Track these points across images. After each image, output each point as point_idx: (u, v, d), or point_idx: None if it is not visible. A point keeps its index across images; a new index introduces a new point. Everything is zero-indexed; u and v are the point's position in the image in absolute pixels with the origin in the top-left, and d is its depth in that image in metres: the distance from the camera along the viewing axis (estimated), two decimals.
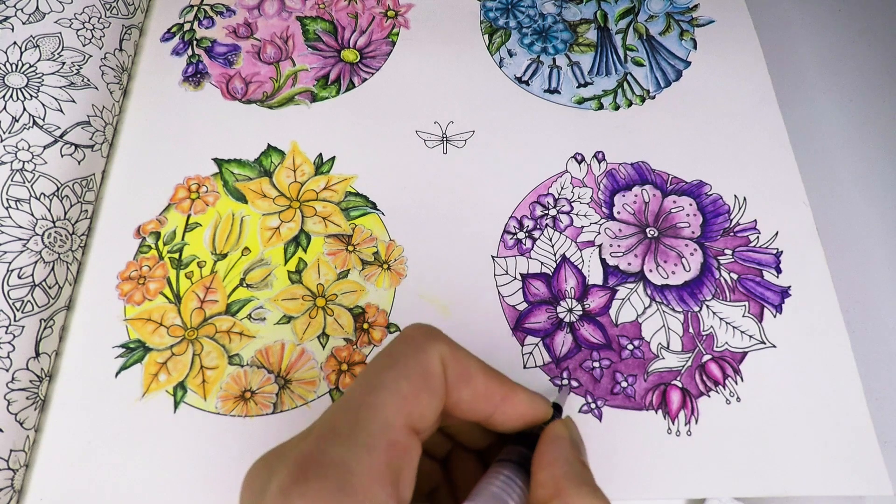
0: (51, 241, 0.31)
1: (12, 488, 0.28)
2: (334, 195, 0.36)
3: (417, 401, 0.18)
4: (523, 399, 0.20)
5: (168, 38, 0.41)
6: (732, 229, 0.35)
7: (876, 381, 0.32)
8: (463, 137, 0.37)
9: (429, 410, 0.18)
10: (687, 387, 0.31)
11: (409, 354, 0.18)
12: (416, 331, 0.19)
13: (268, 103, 0.39)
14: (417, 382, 0.18)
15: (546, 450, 0.19)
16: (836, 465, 0.29)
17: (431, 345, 0.19)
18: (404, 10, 0.42)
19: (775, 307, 0.33)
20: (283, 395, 0.30)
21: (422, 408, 0.18)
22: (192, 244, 0.34)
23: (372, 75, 0.40)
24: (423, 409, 0.18)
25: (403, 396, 0.17)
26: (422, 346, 0.19)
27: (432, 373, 0.18)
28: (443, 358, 0.19)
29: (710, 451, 0.29)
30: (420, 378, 0.18)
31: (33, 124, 0.32)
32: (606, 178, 0.36)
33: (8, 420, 0.27)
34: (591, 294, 0.33)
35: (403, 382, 0.18)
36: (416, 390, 0.18)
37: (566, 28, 0.42)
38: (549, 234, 0.35)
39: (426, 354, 0.18)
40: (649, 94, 0.39)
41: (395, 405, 0.17)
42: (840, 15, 0.44)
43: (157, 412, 0.30)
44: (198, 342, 0.32)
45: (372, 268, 0.34)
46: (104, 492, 0.28)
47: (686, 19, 0.42)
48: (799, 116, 0.39)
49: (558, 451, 0.19)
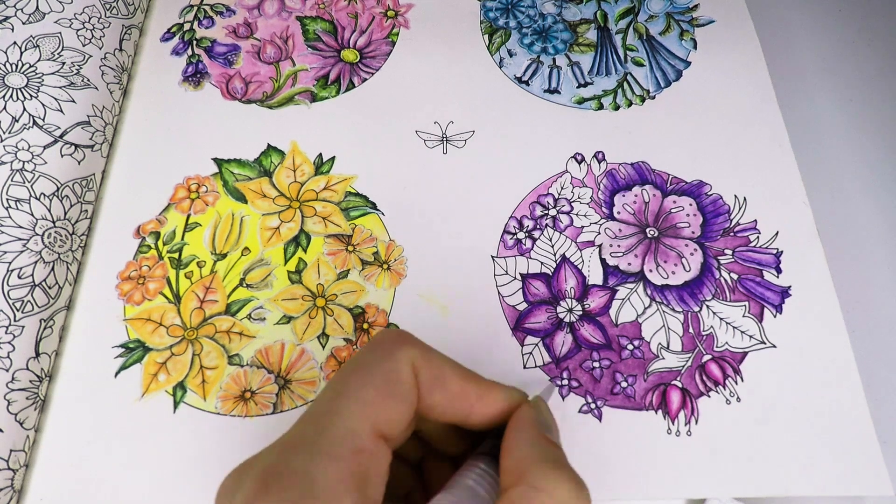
0: (51, 241, 0.31)
1: (12, 488, 0.28)
2: (334, 195, 0.36)
3: (384, 407, 0.18)
4: (498, 397, 0.20)
5: (168, 38, 0.41)
6: (732, 229, 0.35)
7: (876, 381, 0.32)
8: (463, 137, 0.37)
9: (396, 416, 0.18)
10: (687, 387, 0.31)
11: (377, 360, 0.18)
12: (386, 336, 0.19)
13: (268, 103, 0.39)
14: (383, 389, 0.18)
15: (510, 435, 0.19)
16: (836, 465, 0.29)
17: (401, 350, 0.19)
18: (404, 10, 0.42)
19: (775, 307, 0.33)
20: (282, 396, 0.30)
21: (388, 413, 0.18)
22: (192, 244, 0.34)
23: (372, 75, 0.40)
24: (390, 415, 0.18)
25: (369, 403, 0.17)
26: (390, 352, 0.19)
27: (400, 379, 0.18)
28: (414, 363, 0.19)
29: (710, 451, 0.29)
30: (386, 384, 0.18)
31: (33, 124, 0.32)
32: (606, 178, 0.36)
33: (8, 420, 0.27)
34: (591, 294, 0.33)
35: (369, 389, 0.18)
36: (382, 396, 0.18)
37: (566, 28, 0.42)
38: (549, 234, 0.35)
39: (394, 360, 0.18)
40: (649, 94, 0.39)
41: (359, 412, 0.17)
42: (840, 15, 0.44)
43: (156, 412, 0.30)
44: (197, 342, 0.32)
45: (372, 268, 0.34)
46: (104, 492, 0.28)
47: (686, 19, 0.42)
48: (799, 116, 0.39)
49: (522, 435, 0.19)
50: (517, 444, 0.18)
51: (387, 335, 0.19)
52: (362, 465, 0.16)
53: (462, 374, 0.19)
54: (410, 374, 0.18)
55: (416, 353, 0.19)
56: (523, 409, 0.20)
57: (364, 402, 0.17)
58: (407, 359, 0.18)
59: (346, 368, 0.18)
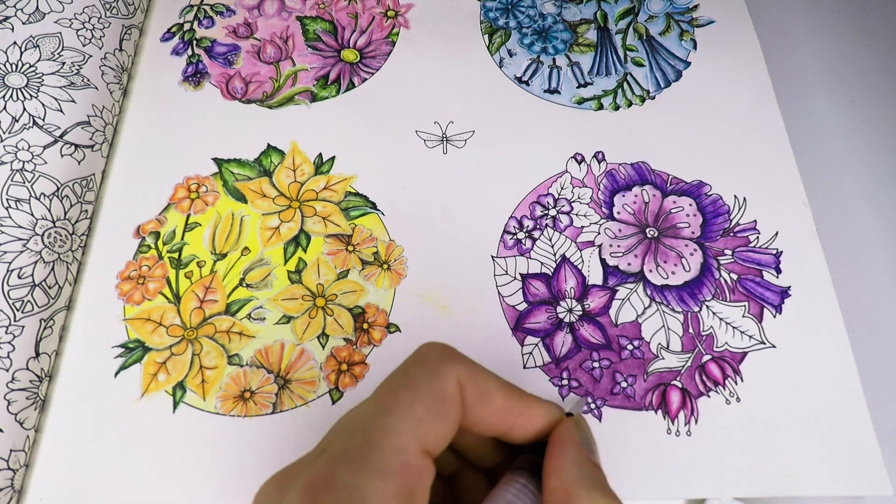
0: (51, 241, 0.31)
1: (12, 488, 0.28)
2: (334, 195, 0.36)
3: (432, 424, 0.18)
4: (541, 413, 0.20)
5: (168, 38, 0.41)
6: (732, 229, 0.35)
7: (875, 381, 0.32)
8: (463, 137, 0.37)
9: (443, 433, 0.18)
10: (687, 387, 0.31)
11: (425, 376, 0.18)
12: (432, 351, 0.19)
13: (268, 103, 0.39)
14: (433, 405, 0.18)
15: (555, 454, 0.19)
16: (836, 465, 0.29)
17: (447, 366, 0.19)
18: (404, 10, 0.42)
19: (775, 307, 0.33)
20: (282, 395, 0.30)
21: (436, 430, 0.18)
22: (192, 244, 0.34)
23: (372, 75, 0.40)
24: (437, 432, 0.18)
25: (418, 419, 0.17)
26: (437, 368, 0.18)
27: (448, 395, 0.18)
28: (460, 379, 0.19)
29: (710, 451, 0.29)
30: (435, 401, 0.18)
31: (33, 124, 0.32)
32: (606, 179, 0.36)
33: (8, 420, 0.27)
34: (590, 294, 0.33)
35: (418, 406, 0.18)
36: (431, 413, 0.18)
37: (566, 28, 0.42)
38: (549, 234, 0.35)
39: (441, 377, 0.18)
40: (649, 95, 0.39)
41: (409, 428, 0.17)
42: (840, 15, 0.44)
43: (156, 412, 0.30)
44: (197, 342, 0.32)
45: (372, 268, 0.34)
46: (104, 492, 0.28)
47: (686, 20, 0.42)
48: (799, 117, 0.39)
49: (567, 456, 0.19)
50: (563, 465, 0.18)
51: (432, 350, 0.19)
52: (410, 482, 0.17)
53: (506, 390, 0.19)
54: (456, 390, 0.18)
55: (461, 370, 0.19)
56: (567, 427, 0.20)
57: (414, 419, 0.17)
58: (453, 375, 0.18)
59: (394, 383, 0.18)
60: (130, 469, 0.29)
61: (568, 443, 0.19)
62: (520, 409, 0.19)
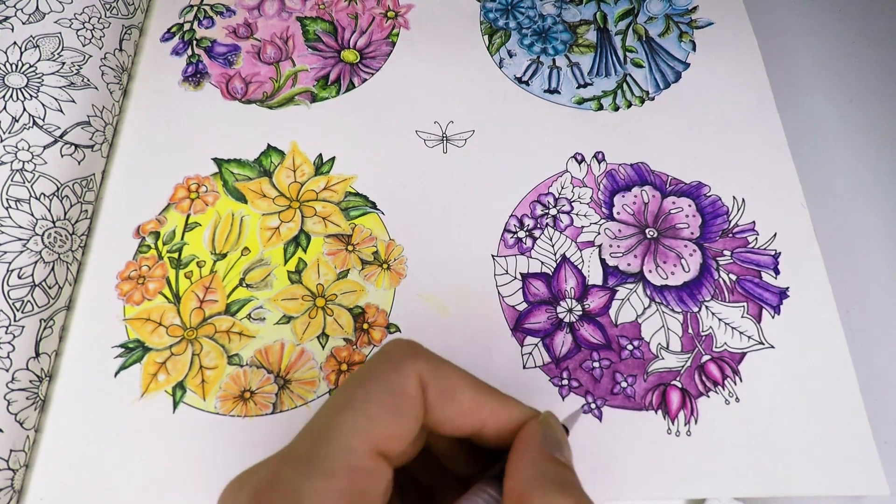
0: (51, 241, 0.31)
1: (12, 488, 0.27)
2: (334, 195, 0.36)
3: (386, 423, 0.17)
4: (512, 413, 0.19)
5: (168, 38, 0.41)
6: (731, 230, 0.35)
7: (873, 381, 0.32)
8: (463, 137, 0.38)
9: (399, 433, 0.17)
10: (686, 387, 0.31)
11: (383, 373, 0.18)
12: (395, 348, 0.18)
13: (268, 103, 0.39)
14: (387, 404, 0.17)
15: (514, 455, 0.18)
16: (834, 466, 0.29)
17: (408, 363, 0.18)
18: (404, 10, 0.42)
19: (774, 308, 0.33)
20: (282, 395, 0.30)
21: (390, 430, 0.17)
22: (192, 244, 0.34)
23: (372, 76, 0.40)
24: (392, 432, 0.17)
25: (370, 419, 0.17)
26: (397, 365, 0.18)
27: (406, 393, 0.17)
28: (422, 376, 0.18)
29: (710, 451, 0.29)
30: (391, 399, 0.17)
31: (33, 124, 0.32)
32: (606, 179, 0.36)
33: (8, 420, 0.27)
34: (590, 294, 0.33)
35: (372, 404, 0.17)
36: (385, 412, 0.17)
37: (566, 29, 0.42)
38: (550, 233, 0.35)
39: (400, 373, 0.17)
40: (649, 96, 0.39)
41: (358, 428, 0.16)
42: (838, 16, 0.45)
43: (156, 412, 0.30)
44: (197, 342, 0.32)
45: (372, 268, 0.34)
46: (104, 492, 0.28)
47: (685, 21, 0.42)
48: (797, 118, 0.40)
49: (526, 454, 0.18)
50: (520, 466, 0.17)
51: (396, 346, 0.19)
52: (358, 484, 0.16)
53: (475, 388, 0.18)
54: (417, 387, 0.18)
55: (424, 366, 0.18)
56: (529, 427, 0.19)
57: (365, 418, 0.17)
58: (414, 372, 0.18)
59: (351, 380, 0.18)
60: (130, 469, 0.29)
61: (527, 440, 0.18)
62: (490, 409, 0.18)
